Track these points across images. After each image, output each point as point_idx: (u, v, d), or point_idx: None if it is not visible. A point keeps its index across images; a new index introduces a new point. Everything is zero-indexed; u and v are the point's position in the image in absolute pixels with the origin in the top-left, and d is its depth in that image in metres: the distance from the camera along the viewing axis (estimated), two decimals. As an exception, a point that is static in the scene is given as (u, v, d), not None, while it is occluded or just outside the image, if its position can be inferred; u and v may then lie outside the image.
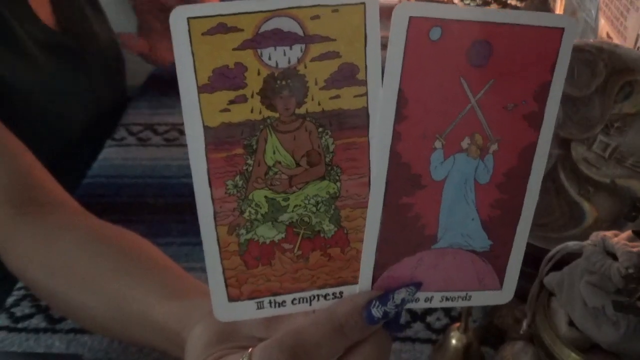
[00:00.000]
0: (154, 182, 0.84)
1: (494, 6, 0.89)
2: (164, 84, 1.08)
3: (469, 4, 0.88)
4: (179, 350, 0.44)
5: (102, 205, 0.76)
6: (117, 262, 0.55)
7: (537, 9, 0.88)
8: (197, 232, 0.78)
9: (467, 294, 0.37)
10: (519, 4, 0.88)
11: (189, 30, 0.30)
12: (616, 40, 0.70)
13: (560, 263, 0.47)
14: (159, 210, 0.80)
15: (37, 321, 0.65)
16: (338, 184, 0.34)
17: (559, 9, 0.84)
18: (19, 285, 0.70)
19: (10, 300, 0.68)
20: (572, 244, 0.46)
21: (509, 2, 0.88)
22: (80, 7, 0.98)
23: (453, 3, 0.90)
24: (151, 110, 1.01)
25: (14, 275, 0.62)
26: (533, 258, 0.41)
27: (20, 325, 0.65)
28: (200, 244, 0.75)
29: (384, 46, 0.31)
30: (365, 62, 0.32)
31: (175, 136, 0.94)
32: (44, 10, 0.89)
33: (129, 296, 0.51)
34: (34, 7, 0.86)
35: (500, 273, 0.37)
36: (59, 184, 0.66)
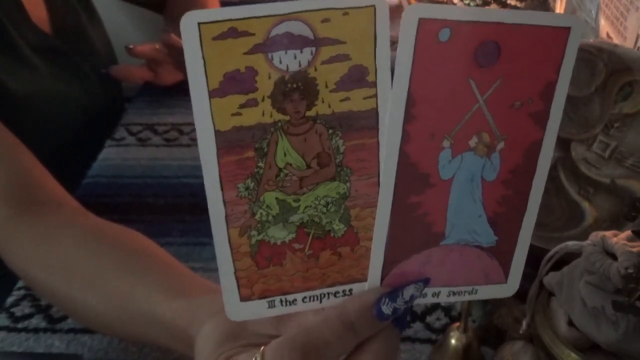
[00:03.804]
0: (154, 182, 0.84)
1: (493, 6, 0.89)
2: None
3: (468, 4, 0.88)
4: (185, 347, 0.44)
5: (102, 205, 0.76)
6: (119, 260, 0.55)
7: (537, 9, 0.88)
8: (197, 232, 0.79)
9: (473, 288, 0.38)
10: (518, 4, 0.88)
11: (200, 36, 0.30)
12: (616, 40, 0.70)
13: (560, 263, 0.47)
14: (158, 210, 0.80)
15: (37, 321, 0.65)
16: (348, 184, 0.34)
17: (559, 9, 0.84)
18: (19, 285, 0.70)
19: (10, 300, 0.68)
20: (571, 244, 0.46)
21: (508, 2, 0.88)
22: (75, 11, 0.98)
23: (453, 3, 0.90)
24: (151, 110, 1.01)
25: (14, 275, 0.62)
26: (533, 258, 0.41)
27: (20, 325, 0.65)
28: (200, 244, 0.76)
29: (392, 46, 0.31)
30: (375, 63, 0.32)
31: (175, 136, 0.93)
32: (39, 15, 0.90)
33: (133, 294, 0.51)
34: (30, 11, 0.87)
35: (506, 267, 0.38)
36: (59, 184, 0.66)
